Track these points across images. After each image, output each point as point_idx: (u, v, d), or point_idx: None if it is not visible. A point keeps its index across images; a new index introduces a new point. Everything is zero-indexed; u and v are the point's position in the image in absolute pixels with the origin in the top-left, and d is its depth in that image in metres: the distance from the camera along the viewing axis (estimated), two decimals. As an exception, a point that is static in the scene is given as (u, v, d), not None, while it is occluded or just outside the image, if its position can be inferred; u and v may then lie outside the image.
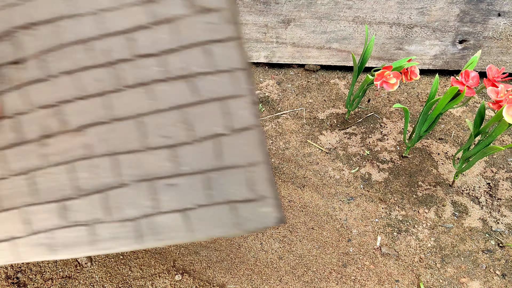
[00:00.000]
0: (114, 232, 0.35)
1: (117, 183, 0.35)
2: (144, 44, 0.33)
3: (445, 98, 0.71)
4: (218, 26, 0.33)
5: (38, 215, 0.35)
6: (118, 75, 0.34)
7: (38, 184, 0.35)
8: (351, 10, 0.97)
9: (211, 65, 0.33)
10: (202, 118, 0.34)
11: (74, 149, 0.35)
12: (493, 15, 0.95)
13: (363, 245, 0.74)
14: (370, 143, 0.91)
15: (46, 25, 0.34)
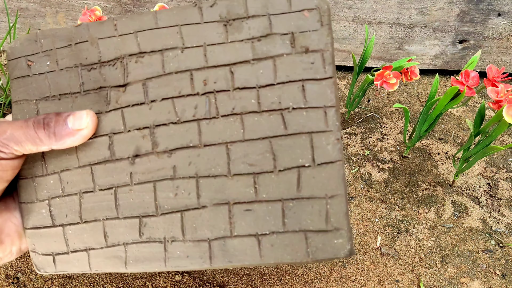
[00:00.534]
0: (187, 251, 0.37)
1: (196, 205, 0.37)
2: (244, 78, 0.36)
3: (445, 98, 0.71)
4: (316, 66, 0.35)
5: (116, 229, 0.38)
6: (214, 104, 0.37)
7: (121, 200, 0.38)
8: (351, 10, 0.97)
9: (304, 101, 0.35)
10: (288, 150, 0.36)
11: (159, 170, 0.37)
12: (493, 15, 0.95)
13: (363, 245, 0.74)
14: (370, 143, 0.91)
15: (154, 55, 0.37)
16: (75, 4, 1.03)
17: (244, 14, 0.36)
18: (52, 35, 0.39)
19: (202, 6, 0.37)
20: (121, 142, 0.38)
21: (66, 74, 0.39)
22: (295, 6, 0.36)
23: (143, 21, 0.38)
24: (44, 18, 1.07)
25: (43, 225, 0.40)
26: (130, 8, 1.02)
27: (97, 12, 0.76)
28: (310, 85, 0.36)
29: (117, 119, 0.38)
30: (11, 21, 1.04)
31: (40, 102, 0.39)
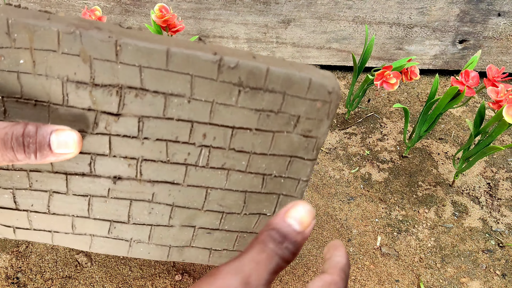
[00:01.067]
0: (149, 249, 0.42)
1: (165, 223, 0.40)
2: (241, 142, 0.38)
3: (445, 98, 0.71)
4: (308, 149, 0.39)
5: (85, 224, 0.39)
6: (206, 156, 0.38)
7: (94, 206, 0.38)
8: (351, 10, 0.97)
9: (286, 172, 0.40)
10: (257, 202, 0.41)
11: (139, 192, 0.38)
12: (493, 15, 0.95)
13: (363, 245, 0.74)
14: (370, 143, 0.91)
15: (157, 96, 0.34)
16: (75, 4, 1.03)
17: (263, 86, 0.36)
18: (30, 31, 0.31)
19: (223, 65, 0.34)
20: (103, 164, 0.37)
21: (46, 81, 0.33)
22: (312, 95, 0.37)
23: (153, 58, 0.33)
24: (44, 18, 1.07)
25: (5, 206, 0.38)
26: (130, 8, 1.02)
27: (97, 12, 0.76)
28: (296, 162, 0.40)
29: (104, 143, 0.36)
30: (11, 21, 1.04)
31: (9, 101, 0.33)
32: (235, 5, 0.99)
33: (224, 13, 1.01)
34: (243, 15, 1.01)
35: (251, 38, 1.04)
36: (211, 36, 1.05)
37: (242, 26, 1.03)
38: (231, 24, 1.03)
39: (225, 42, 1.06)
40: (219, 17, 1.01)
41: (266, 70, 0.35)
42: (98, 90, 0.33)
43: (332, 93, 0.37)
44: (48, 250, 0.74)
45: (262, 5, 0.98)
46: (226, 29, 1.03)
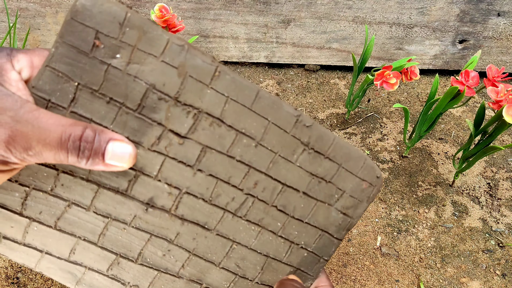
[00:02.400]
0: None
1: (175, 273, 0.37)
2: (286, 202, 0.38)
3: (445, 98, 0.71)
4: (341, 227, 0.40)
5: (87, 252, 0.36)
6: (248, 207, 0.37)
7: (109, 231, 0.35)
8: (351, 10, 0.97)
9: (313, 246, 0.40)
10: (274, 272, 0.40)
11: (164, 228, 0.36)
12: (493, 15, 0.95)
13: (363, 245, 0.74)
14: (370, 143, 0.91)
15: (230, 130, 0.34)
16: (75, 4, 1.03)
17: (325, 152, 0.37)
18: (142, 30, 0.31)
19: (300, 121, 0.36)
20: (144, 185, 0.34)
21: (132, 83, 0.32)
22: (362, 174, 0.39)
23: (242, 92, 0.33)
24: (44, 18, 1.07)
25: (8, 207, 0.33)
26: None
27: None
28: (325, 238, 0.40)
29: (155, 163, 0.34)
30: (11, 21, 1.04)
31: (83, 90, 0.31)
32: (235, 5, 0.99)
33: (224, 13, 1.01)
34: (243, 15, 1.01)
35: (251, 38, 1.04)
36: (211, 36, 1.05)
37: (242, 26, 1.03)
38: (231, 24, 1.03)
39: (225, 42, 1.06)
40: (219, 17, 1.01)
41: (333, 139, 0.37)
42: (178, 107, 0.33)
43: (379, 179, 0.39)
44: (48, 250, 0.74)
45: (262, 5, 0.98)
46: (226, 29, 1.03)
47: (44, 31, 1.10)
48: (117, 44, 0.30)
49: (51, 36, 1.10)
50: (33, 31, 1.10)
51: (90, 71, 0.30)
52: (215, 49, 1.07)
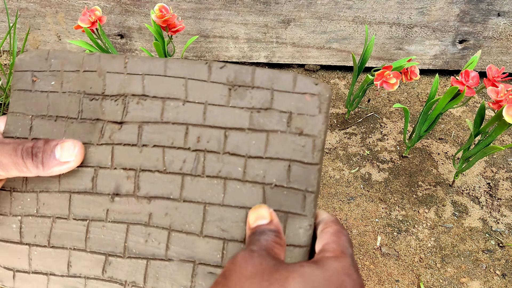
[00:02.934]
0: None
1: (163, 256, 0.38)
2: (235, 144, 0.38)
3: (445, 98, 0.71)
4: (306, 150, 0.37)
5: (81, 261, 0.38)
6: (202, 163, 0.38)
7: (92, 234, 0.38)
8: (351, 10, 0.97)
9: (287, 180, 0.37)
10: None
11: (136, 213, 0.38)
12: (493, 15, 0.95)
13: (363, 245, 0.74)
14: (370, 143, 0.91)
15: (156, 100, 0.38)
16: (75, 4, 1.03)
17: (250, 83, 0.38)
18: (63, 57, 0.39)
19: (212, 66, 0.38)
20: (105, 177, 0.38)
21: (68, 98, 0.39)
22: (299, 88, 0.37)
23: (153, 66, 0.38)
24: (44, 18, 1.07)
25: (11, 239, 0.39)
26: (130, 8, 1.02)
27: (97, 12, 0.76)
28: (296, 167, 0.37)
29: (107, 154, 0.39)
30: (11, 21, 1.04)
31: (36, 119, 0.39)
32: (235, 5, 0.99)
33: (224, 13, 1.01)
34: (243, 15, 1.01)
35: (251, 38, 1.04)
36: (211, 36, 1.05)
37: (242, 26, 1.03)
38: (231, 24, 1.03)
39: (225, 42, 1.06)
40: (219, 17, 1.01)
41: (252, 69, 0.37)
42: (107, 101, 0.38)
43: (318, 85, 0.37)
44: (48, 250, 0.74)
45: (262, 5, 0.98)
46: (226, 29, 1.03)
47: (44, 31, 1.10)
48: (48, 74, 0.39)
49: (51, 36, 1.10)
50: (33, 31, 1.10)
51: (36, 102, 0.39)
52: (215, 49, 1.07)
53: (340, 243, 0.33)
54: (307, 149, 0.37)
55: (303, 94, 0.37)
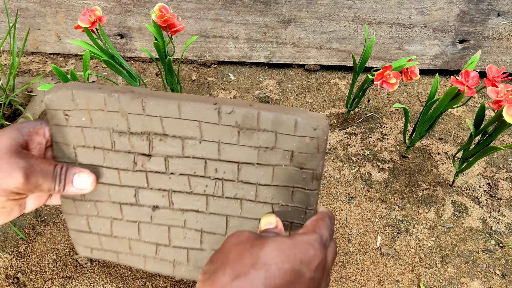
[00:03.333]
0: (189, 271, 0.51)
1: (199, 247, 0.50)
2: (247, 175, 0.46)
3: (445, 98, 0.71)
4: (307, 180, 0.45)
5: (138, 246, 0.51)
6: (222, 188, 0.47)
7: (142, 230, 0.50)
8: (351, 10, 0.97)
9: (291, 201, 0.46)
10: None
11: (174, 219, 0.49)
12: (493, 15, 0.95)
13: (363, 245, 0.74)
14: (370, 143, 0.91)
15: (175, 139, 0.45)
16: (75, 4, 1.03)
17: (256, 127, 0.44)
18: (86, 97, 0.45)
19: (221, 111, 0.43)
20: (144, 195, 0.49)
21: (99, 132, 0.46)
22: (299, 132, 0.43)
23: (168, 109, 0.44)
24: (44, 18, 1.07)
25: (83, 230, 0.52)
26: (130, 8, 1.02)
27: (97, 12, 0.76)
28: (298, 192, 0.46)
29: (142, 179, 0.48)
30: (11, 21, 1.04)
31: (78, 148, 0.47)
32: (235, 5, 0.99)
33: (224, 13, 1.01)
34: (243, 15, 1.01)
35: (251, 38, 1.04)
36: (211, 36, 1.05)
37: (242, 26, 1.03)
38: (231, 24, 1.03)
39: (225, 42, 1.06)
40: (219, 17, 1.01)
41: (257, 114, 0.43)
42: (134, 137, 0.46)
43: (317, 130, 0.42)
44: (48, 250, 0.74)
45: (262, 5, 0.98)
46: (226, 29, 1.03)
47: (44, 31, 1.10)
48: (77, 112, 0.46)
49: (51, 36, 1.10)
50: (33, 31, 1.10)
51: (74, 135, 0.47)
52: (215, 49, 1.07)
53: (315, 225, 0.41)
54: (307, 179, 0.45)
55: (303, 137, 0.43)
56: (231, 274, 0.36)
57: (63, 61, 1.13)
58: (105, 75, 1.10)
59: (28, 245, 0.75)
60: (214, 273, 0.37)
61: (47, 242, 0.75)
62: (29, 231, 0.76)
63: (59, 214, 0.79)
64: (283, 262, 0.37)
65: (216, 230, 0.49)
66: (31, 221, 0.78)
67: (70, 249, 0.74)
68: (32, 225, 0.77)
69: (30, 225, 0.77)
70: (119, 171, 0.49)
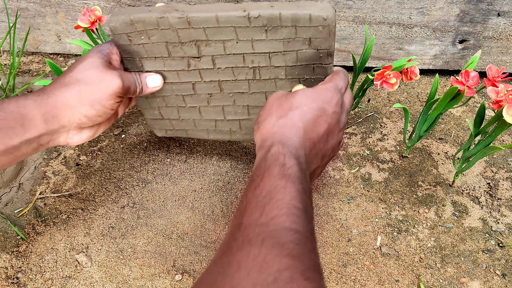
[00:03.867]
0: (242, 135, 0.73)
1: (246, 117, 0.70)
2: (277, 61, 0.61)
3: (445, 98, 0.71)
4: (323, 58, 0.60)
5: (201, 122, 0.72)
6: (258, 73, 0.63)
7: (202, 111, 0.70)
8: (351, 10, 0.97)
9: (313, 74, 0.62)
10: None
11: (225, 100, 0.68)
12: (493, 15, 0.95)
13: (363, 245, 0.74)
14: (370, 143, 0.91)
15: (218, 42, 0.59)
16: (75, 4, 1.03)
17: (279, 24, 0.56)
18: (142, 21, 0.57)
19: (250, 16, 0.56)
20: (200, 87, 0.66)
21: (157, 46, 0.60)
22: (314, 23, 0.56)
23: (209, 21, 0.57)
24: (44, 18, 1.07)
25: (157, 118, 0.72)
26: (130, 8, 1.02)
27: (97, 12, 0.76)
28: (317, 68, 0.61)
29: (196, 75, 0.64)
30: (11, 21, 1.04)
31: (142, 59, 0.62)
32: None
33: (224, 13, 1.00)
34: (243, 15, 1.00)
35: (251, 38, 1.04)
36: (211, 36, 1.05)
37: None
38: (231, 24, 1.02)
39: (225, 42, 1.06)
40: (219, 17, 1.01)
41: (279, 14, 0.55)
42: (185, 45, 0.60)
43: (327, 19, 0.55)
44: (48, 250, 0.74)
45: (262, 5, 0.98)
46: (226, 29, 1.03)
47: (44, 31, 1.10)
48: (137, 33, 0.59)
49: (51, 36, 1.10)
50: (33, 31, 1.10)
51: (137, 51, 0.61)
52: (215, 49, 1.07)
53: (331, 78, 0.57)
54: (323, 57, 0.59)
55: (317, 26, 0.56)
56: (275, 116, 0.50)
57: (63, 61, 1.13)
58: (105, 75, 1.09)
59: (28, 245, 0.75)
60: (263, 121, 0.52)
61: (47, 242, 0.75)
62: (29, 231, 0.76)
63: (59, 214, 0.79)
64: (311, 103, 0.51)
65: (259, 103, 0.67)
66: (31, 221, 0.78)
67: (70, 249, 0.74)
68: (32, 225, 0.77)
69: (30, 225, 0.77)
70: (178, 72, 0.64)
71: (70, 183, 0.84)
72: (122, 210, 0.80)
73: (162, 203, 0.81)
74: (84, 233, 0.76)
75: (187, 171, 0.85)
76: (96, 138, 0.93)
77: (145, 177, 0.85)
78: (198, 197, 0.82)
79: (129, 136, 0.93)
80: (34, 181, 0.84)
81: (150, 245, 0.75)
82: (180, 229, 0.77)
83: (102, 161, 0.88)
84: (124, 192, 0.82)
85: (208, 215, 0.79)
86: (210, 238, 0.75)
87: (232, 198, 0.81)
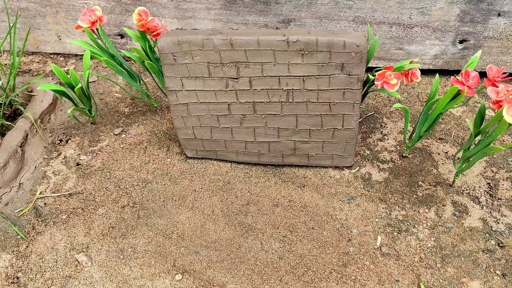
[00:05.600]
0: (270, 158, 0.81)
1: (276, 140, 0.77)
2: (310, 84, 0.68)
3: (445, 98, 0.71)
4: (353, 83, 0.68)
5: (232, 144, 0.79)
6: (291, 96, 0.71)
7: (234, 133, 0.77)
8: (351, 10, 0.97)
9: (343, 99, 0.70)
10: (330, 121, 0.73)
11: (257, 122, 0.74)
12: (493, 15, 0.95)
13: (363, 245, 0.74)
14: (370, 143, 0.91)
15: (256, 64, 0.68)
16: (75, 4, 1.03)
17: (315, 49, 0.65)
18: (188, 42, 0.68)
19: (289, 41, 0.65)
20: (235, 108, 0.74)
21: (199, 66, 0.69)
22: (347, 49, 0.65)
23: (250, 43, 0.66)
24: (44, 18, 1.07)
25: (190, 137, 0.80)
26: (130, 8, 1.02)
27: (97, 12, 0.76)
28: (348, 92, 0.70)
29: (233, 96, 0.72)
30: (11, 21, 1.04)
31: (183, 79, 0.72)
32: (235, 5, 0.99)
33: (224, 13, 1.01)
34: (243, 15, 1.00)
35: (251, 38, 1.04)
36: (211, 36, 1.05)
37: (242, 26, 1.03)
38: (231, 24, 1.03)
39: (225, 42, 1.06)
40: (220, 17, 1.01)
41: (316, 40, 0.64)
42: (225, 66, 0.69)
43: (359, 46, 0.64)
44: (48, 250, 0.74)
45: (262, 5, 0.98)
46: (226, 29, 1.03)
47: (44, 31, 1.10)
48: (182, 53, 0.69)
49: (51, 36, 1.10)
50: (33, 31, 1.10)
51: (180, 70, 0.71)
52: (215, 49, 1.08)
53: None
54: (353, 82, 0.68)
55: (350, 52, 0.64)
56: None
57: (64, 61, 1.13)
58: (105, 75, 1.10)
59: (28, 245, 0.75)
60: None
61: (47, 242, 0.75)
62: (29, 231, 0.76)
63: (59, 214, 0.79)
64: None
65: (289, 126, 0.74)
66: (31, 221, 0.78)
67: (70, 248, 0.74)
68: (32, 225, 0.77)
69: (30, 225, 0.77)
70: (216, 92, 0.70)
71: (70, 183, 0.84)
72: (122, 210, 0.80)
73: (162, 203, 0.81)
74: (84, 233, 0.76)
75: (187, 171, 0.85)
76: (96, 138, 0.93)
77: (145, 177, 0.85)
78: (198, 197, 0.82)
79: (129, 136, 0.93)
80: (35, 181, 0.84)
81: (150, 245, 0.75)
82: (180, 229, 0.77)
83: (102, 161, 0.88)
84: (124, 192, 0.82)
85: (208, 215, 0.79)
86: (210, 238, 0.75)
87: (232, 198, 0.81)
